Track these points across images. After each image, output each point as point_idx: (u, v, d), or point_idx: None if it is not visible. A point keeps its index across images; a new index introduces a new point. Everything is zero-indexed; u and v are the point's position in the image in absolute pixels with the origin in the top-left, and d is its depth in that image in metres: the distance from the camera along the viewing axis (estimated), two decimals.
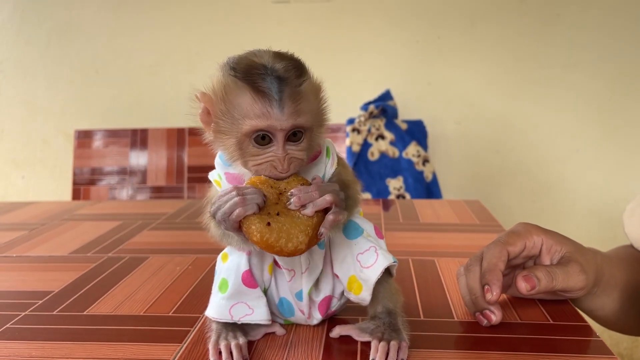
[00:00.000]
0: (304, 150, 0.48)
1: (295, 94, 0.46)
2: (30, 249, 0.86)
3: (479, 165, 1.95)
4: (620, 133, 1.90)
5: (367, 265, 0.52)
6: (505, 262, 0.56)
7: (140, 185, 1.79)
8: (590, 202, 1.92)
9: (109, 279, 0.72)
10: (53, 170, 2.10)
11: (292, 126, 0.47)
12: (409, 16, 1.90)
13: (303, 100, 0.47)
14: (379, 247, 0.53)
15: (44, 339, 0.55)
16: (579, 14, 1.85)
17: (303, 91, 0.47)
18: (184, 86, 1.99)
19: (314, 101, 0.49)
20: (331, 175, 0.52)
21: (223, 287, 0.54)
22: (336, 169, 0.53)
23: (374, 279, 0.51)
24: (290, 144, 0.48)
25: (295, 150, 0.48)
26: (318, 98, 0.50)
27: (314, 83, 0.50)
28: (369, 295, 0.52)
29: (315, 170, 0.52)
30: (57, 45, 2.03)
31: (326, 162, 0.52)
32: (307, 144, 0.49)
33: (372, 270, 0.51)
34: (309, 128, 0.48)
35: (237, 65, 0.47)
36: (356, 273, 0.52)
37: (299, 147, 0.48)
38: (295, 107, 0.46)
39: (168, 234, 0.94)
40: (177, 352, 0.52)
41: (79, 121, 2.02)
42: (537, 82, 1.90)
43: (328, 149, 0.53)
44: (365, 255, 0.52)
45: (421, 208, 1.08)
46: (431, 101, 1.93)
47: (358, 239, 0.53)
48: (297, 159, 0.48)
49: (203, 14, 1.96)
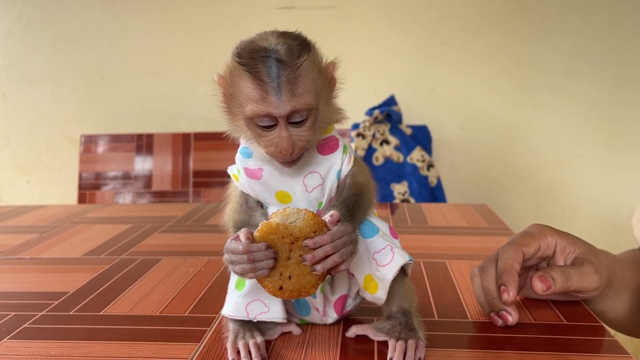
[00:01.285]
0: (308, 131, 0.49)
1: (294, 78, 0.47)
2: (42, 251, 0.87)
3: (483, 170, 1.96)
4: (622, 139, 1.91)
5: (383, 264, 0.52)
6: (520, 263, 0.57)
7: (145, 190, 1.80)
8: (594, 207, 1.93)
9: (123, 280, 0.73)
10: (58, 175, 2.11)
11: (291, 111, 0.47)
12: (413, 22, 1.91)
13: (302, 81, 0.47)
14: (395, 245, 0.53)
15: (62, 338, 0.56)
16: (582, 21, 1.87)
17: (303, 72, 0.47)
18: (189, 91, 2.01)
19: (317, 78, 0.49)
20: (347, 174, 0.53)
21: (240, 285, 0.54)
22: (352, 168, 0.53)
23: (390, 277, 0.51)
24: (293, 126, 0.48)
25: (298, 132, 0.49)
26: (323, 73, 0.50)
27: (317, 59, 0.49)
28: (385, 294, 0.52)
29: (330, 164, 0.52)
30: (62, 51, 2.05)
31: (343, 158, 0.53)
32: (312, 123, 0.49)
33: (388, 269, 0.52)
34: (312, 109, 0.49)
35: (242, 50, 0.48)
36: (372, 272, 0.53)
37: (302, 128, 0.49)
38: (293, 91, 0.47)
39: (179, 236, 0.95)
40: (195, 351, 0.52)
41: (84, 127, 2.03)
42: (540, 87, 1.91)
43: (345, 147, 0.53)
44: (381, 253, 0.52)
45: (429, 211, 1.09)
46: (435, 106, 1.94)
47: (374, 237, 0.53)
48: (302, 140, 0.49)
49: (208, 19, 1.98)
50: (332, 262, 0.47)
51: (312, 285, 0.48)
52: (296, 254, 0.47)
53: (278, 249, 0.47)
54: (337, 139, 0.53)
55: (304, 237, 0.47)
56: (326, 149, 0.53)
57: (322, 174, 0.52)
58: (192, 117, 2.00)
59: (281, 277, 0.47)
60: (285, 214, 0.48)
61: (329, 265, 0.47)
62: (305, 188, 0.52)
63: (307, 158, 0.52)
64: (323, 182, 0.53)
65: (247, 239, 0.47)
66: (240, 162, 0.54)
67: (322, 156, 0.52)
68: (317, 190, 0.53)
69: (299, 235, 0.47)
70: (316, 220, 0.47)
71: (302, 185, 0.52)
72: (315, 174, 0.52)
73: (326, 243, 0.47)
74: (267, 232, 0.47)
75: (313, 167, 0.52)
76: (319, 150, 0.53)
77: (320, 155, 0.52)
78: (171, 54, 2.01)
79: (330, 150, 0.53)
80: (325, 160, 0.52)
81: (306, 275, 0.47)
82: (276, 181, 0.53)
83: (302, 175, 0.52)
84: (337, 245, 0.47)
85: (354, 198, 0.53)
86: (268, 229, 0.47)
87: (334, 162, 0.53)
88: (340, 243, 0.47)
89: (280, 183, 0.53)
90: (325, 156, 0.52)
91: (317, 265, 0.47)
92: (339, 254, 0.47)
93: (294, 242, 0.47)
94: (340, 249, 0.47)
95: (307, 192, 0.53)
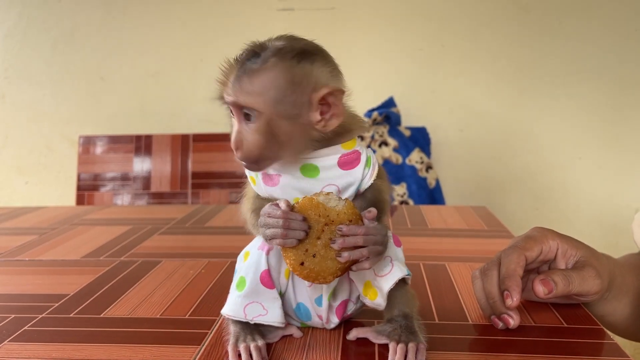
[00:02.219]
0: (255, 135, 0.48)
1: (253, 73, 0.47)
2: (41, 253, 0.87)
3: (482, 172, 1.96)
4: (621, 141, 1.91)
5: (381, 274, 0.52)
6: (523, 267, 0.57)
7: (144, 191, 1.79)
8: (593, 210, 1.93)
9: (123, 282, 0.73)
10: (57, 176, 2.11)
11: (233, 102, 0.48)
12: (413, 24, 1.92)
13: (260, 82, 0.47)
14: (395, 257, 0.53)
15: (62, 341, 0.56)
16: (581, 24, 1.87)
17: (267, 74, 0.47)
18: (188, 93, 2.01)
19: (288, 90, 0.47)
20: (368, 187, 0.53)
21: (240, 285, 0.54)
22: (374, 182, 0.53)
23: (387, 289, 0.51)
24: (246, 122, 0.49)
25: (248, 131, 0.48)
26: (306, 92, 0.48)
27: (302, 73, 0.47)
28: (384, 301, 0.52)
29: (351, 180, 0.52)
30: (62, 52, 2.05)
31: (365, 172, 0.52)
32: (261, 127, 0.47)
33: (385, 280, 0.52)
34: (262, 114, 0.47)
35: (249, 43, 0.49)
36: (371, 280, 0.53)
37: (250, 128, 0.48)
38: (244, 85, 0.47)
39: (179, 238, 0.95)
40: (196, 354, 0.52)
41: (84, 128, 2.03)
42: (539, 90, 1.91)
43: (369, 159, 0.53)
44: (381, 264, 0.52)
45: (428, 213, 1.09)
46: (434, 108, 1.94)
47: None
48: (247, 141, 0.48)
49: (208, 21, 1.98)
50: (359, 254, 0.47)
51: (331, 273, 0.48)
52: (326, 236, 0.48)
53: (312, 226, 0.48)
54: (359, 153, 0.52)
55: (340, 222, 0.48)
56: (347, 163, 0.52)
57: (340, 188, 0.52)
58: (192, 119, 2.01)
59: (306, 253, 0.48)
60: (328, 197, 0.48)
61: (356, 256, 0.47)
62: None
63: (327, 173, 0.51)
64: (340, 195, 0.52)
65: (287, 206, 0.48)
66: None
67: (343, 171, 0.52)
68: None
69: (335, 219, 0.48)
70: (355, 212, 0.48)
71: None
72: (333, 187, 0.52)
73: (359, 234, 0.47)
74: (306, 206, 0.48)
75: (332, 180, 0.51)
76: (340, 165, 0.52)
77: (342, 170, 0.52)
78: (171, 55, 2.01)
79: (352, 165, 0.52)
80: (346, 175, 0.52)
81: (329, 260, 0.48)
82: (293, 189, 0.52)
83: (319, 186, 0.51)
84: (368, 240, 0.47)
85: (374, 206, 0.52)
86: (309, 203, 0.48)
87: (356, 177, 0.52)
88: (372, 239, 0.47)
89: (297, 192, 0.52)
90: (346, 171, 0.52)
91: (345, 252, 0.47)
92: (368, 249, 0.47)
93: (329, 224, 0.48)
94: (370, 245, 0.47)
95: None
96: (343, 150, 0.52)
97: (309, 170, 0.51)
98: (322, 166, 0.51)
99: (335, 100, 0.49)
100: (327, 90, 0.48)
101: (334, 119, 0.49)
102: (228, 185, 1.77)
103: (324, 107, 0.49)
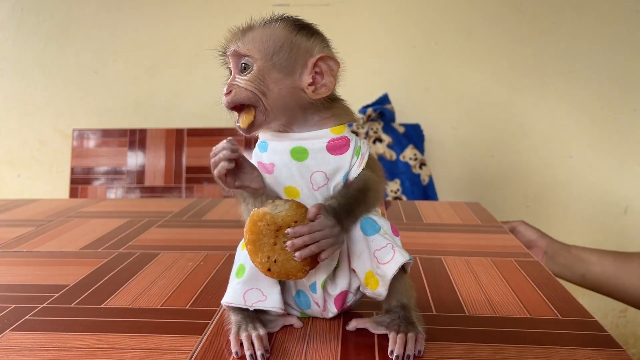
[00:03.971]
0: (248, 82, 0.51)
1: (254, 29, 0.53)
2: (39, 245, 0.87)
3: (475, 169, 1.98)
4: (612, 140, 1.94)
5: (384, 262, 0.53)
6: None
7: (137, 185, 1.79)
8: (583, 207, 1.95)
9: (122, 273, 0.73)
10: (50, 170, 2.10)
11: (234, 52, 0.52)
12: (407, 22, 1.92)
13: (258, 34, 0.52)
14: (395, 244, 0.54)
15: (64, 330, 0.56)
16: (574, 23, 1.89)
17: (266, 31, 0.52)
18: (183, 87, 2.01)
19: (277, 44, 0.52)
20: (356, 177, 0.54)
21: (240, 273, 0.55)
22: (362, 171, 0.54)
23: (391, 275, 0.53)
24: (240, 75, 0.52)
25: (240, 80, 0.52)
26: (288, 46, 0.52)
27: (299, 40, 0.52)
28: (385, 290, 0.53)
29: (338, 166, 0.53)
30: (55, 45, 2.03)
31: (353, 161, 0.54)
32: (255, 77, 0.51)
33: (388, 267, 0.53)
34: (256, 60, 0.51)
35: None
36: (373, 269, 0.54)
37: (243, 77, 0.52)
38: (245, 37, 0.52)
39: (176, 231, 0.95)
40: (198, 343, 0.53)
41: (77, 122, 2.02)
42: (532, 88, 1.93)
43: (359, 148, 0.54)
44: (382, 251, 0.53)
45: (423, 209, 1.10)
46: (428, 106, 1.96)
47: (375, 235, 0.54)
48: (239, 87, 0.51)
49: (203, 15, 1.98)
50: (309, 252, 0.49)
51: (299, 270, 0.50)
52: (281, 241, 0.50)
53: (265, 235, 0.50)
54: (348, 140, 0.54)
55: (287, 225, 0.50)
56: (335, 149, 0.53)
57: (328, 174, 0.53)
58: (186, 114, 2.00)
59: (268, 260, 0.50)
60: (274, 204, 0.51)
61: (306, 254, 0.49)
62: (312, 186, 0.53)
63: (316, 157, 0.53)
64: (328, 182, 0.53)
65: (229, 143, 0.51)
66: (256, 157, 0.55)
67: (332, 156, 0.53)
68: (323, 189, 0.54)
69: (282, 224, 0.50)
70: (299, 211, 0.50)
71: (309, 182, 0.53)
72: (321, 174, 0.53)
73: (305, 234, 0.49)
74: (254, 219, 0.50)
75: (321, 166, 0.53)
76: (329, 150, 0.53)
77: (330, 155, 0.53)
78: (166, 49, 2.01)
79: (340, 151, 0.53)
80: (333, 160, 0.53)
81: (291, 261, 0.50)
82: (285, 177, 0.54)
83: (310, 173, 0.53)
84: (315, 237, 0.49)
85: (357, 193, 0.53)
86: (257, 215, 0.50)
87: (343, 164, 0.53)
88: (319, 235, 0.49)
89: (289, 179, 0.54)
90: (334, 156, 0.53)
91: (296, 253, 0.49)
92: (317, 245, 0.49)
93: (279, 229, 0.50)
94: (319, 240, 0.49)
95: (314, 190, 0.53)
96: (332, 135, 0.54)
97: (299, 152, 0.53)
98: (311, 149, 0.53)
99: (329, 70, 0.52)
100: (323, 55, 0.52)
101: (323, 88, 0.52)
102: None
103: (317, 75, 0.52)
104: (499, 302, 0.63)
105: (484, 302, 0.63)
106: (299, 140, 0.53)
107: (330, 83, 0.53)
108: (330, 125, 0.54)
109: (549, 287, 0.67)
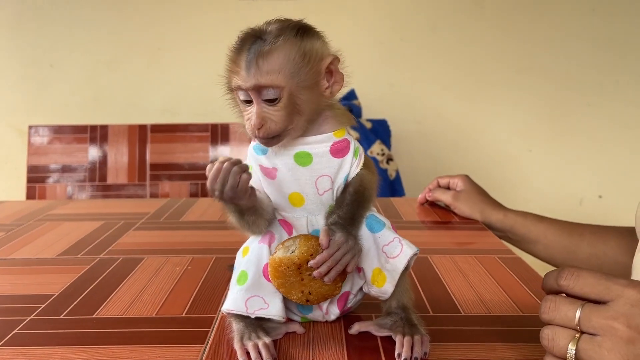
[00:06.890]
0: (281, 112, 0.50)
1: (266, 53, 0.49)
2: (12, 251, 0.83)
3: (439, 163, 2.02)
4: (569, 134, 2.01)
5: (393, 256, 0.54)
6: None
7: (99, 183, 1.74)
8: (543, 200, 2.03)
9: (109, 281, 0.71)
10: (3, 167, 2.01)
11: (255, 85, 0.49)
12: (374, 18, 1.94)
13: (274, 59, 0.49)
14: (401, 237, 0.55)
15: (58, 344, 0.54)
16: (533, 22, 1.95)
17: (278, 51, 0.49)
18: (145, 82, 1.96)
19: (300, 63, 0.50)
20: (354, 177, 0.54)
21: (241, 279, 0.54)
22: (360, 171, 0.54)
23: (401, 267, 0.54)
24: (267, 104, 0.50)
25: (270, 111, 0.50)
26: (313, 62, 0.51)
27: (308, 46, 0.51)
28: (392, 287, 0.54)
29: (341, 167, 0.53)
30: (7, 37, 1.94)
31: (353, 162, 0.54)
32: (286, 104, 0.50)
33: (398, 260, 0.54)
34: (284, 88, 0.50)
35: (240, 33, 0.51)
36: (381, 265, 0.54)
37: (275, 107, 0.50)
38: (261, 66, 0.49)
39: (157, 234, 0.93)
40: (202, 353, 0.52)
41: (32, 117, 1.94)
42: (493, 84, 1.98)
43: (357, 149, 0.55)
44: (391, 246, 0.54)
45: (400, 207, 1.12)
46: (393, 101, 1.98)
47: (382, 231, 0.55)
48: (272, 120, 0.50)
49: (165, 8, 1.93)
50: (335, 273, 0.50)
51: (333, 289, 0.53)
52: (306, 274, 0.52)
53: (290, 276, 0.52)
54: (349, 142, 0.54)
55: (305, 261, 0.51)
56: (339, 151, 0.53)
57: (333, 178, 0.53)
58: (149, 108, 1.96)
59: (303, 294, 0.53)
60: (285, 246, 0.52)
61: (334, 275, 0.51)
62: (317, 190, 0.53)
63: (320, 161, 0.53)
64: (332, 185, 0.53)
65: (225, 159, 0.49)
66: (255, 158, 0.54)
67: (335, 159, 0.53)
68: (328, 193, 0.54)
69: (300, 262, 0.51)
70: (310, 244, 0.52)
71: (315, 187, 0.53)
72: (326, 177, 0.53)
73: (325, 260, 0.50)
74: (273, 267, 0.52)
75: (325, 170, 0.53)
76: (332, 153, 0.53)
77: (333, 158, 0.53)
78: (126, 42, 1.95)
79: (343, 153, 0.54)
80: (336, 163, 0.53)
81: (323, 286, 0.52)
82: (290, 182, 0.53)
83: (314, 177, 0.53)
84: (336, 258, 0.50)
85: (355, 196, 0.54)
86: (273, 263, 0.52)
87: (344, 166, 0.54)
88: (339, 255, 0.50)
89: (294, 184, 0.53)
90: (337, 159, 0.53)
91: (325, 277, 0.50)
92: (340, 264, 0.50)
93: (300, 267, 0.51)
94: (340, 259, 0.50)
95: (319, 195, 0.53)
96: (335, 138, 0.53)
97: (302, 157, 0.53)
98: (315, 153, 0.53)
99: (336, 68, 0.53)
100: (332, 58, 0.52)
101: (336, 85, 0.53)
102: (188, 177, 1.74)
103: (327, 75, 0.52)
104: (491, 300, 0.65)
105: (477, 301, 0.64)
106: (303, 145, 0.53)
107: (340, 79, 0.53)
108: (330, 127, 0.54)
109: (536, 284, 0.69)
